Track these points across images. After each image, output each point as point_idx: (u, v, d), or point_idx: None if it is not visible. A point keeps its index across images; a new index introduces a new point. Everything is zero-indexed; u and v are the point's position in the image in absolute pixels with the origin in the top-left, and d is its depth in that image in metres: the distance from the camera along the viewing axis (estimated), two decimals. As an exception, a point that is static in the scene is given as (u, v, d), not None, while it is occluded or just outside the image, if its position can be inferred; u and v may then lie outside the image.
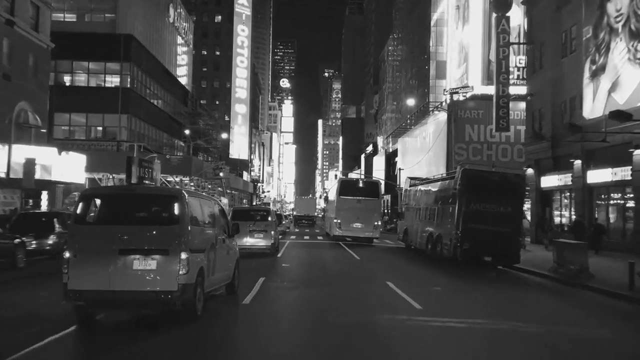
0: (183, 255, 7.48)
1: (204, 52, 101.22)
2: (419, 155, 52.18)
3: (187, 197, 8.01)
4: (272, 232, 19.50)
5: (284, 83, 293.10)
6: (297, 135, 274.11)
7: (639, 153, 19.41)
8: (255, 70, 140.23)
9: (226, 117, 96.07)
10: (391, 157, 74.49)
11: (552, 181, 26.92)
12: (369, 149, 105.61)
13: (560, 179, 26.10)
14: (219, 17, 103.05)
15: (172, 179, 44.48)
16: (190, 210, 8.02)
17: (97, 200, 8.38)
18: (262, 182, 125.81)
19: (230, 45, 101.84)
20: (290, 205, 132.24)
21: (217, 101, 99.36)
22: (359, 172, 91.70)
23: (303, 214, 57.11)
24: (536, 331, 8.50)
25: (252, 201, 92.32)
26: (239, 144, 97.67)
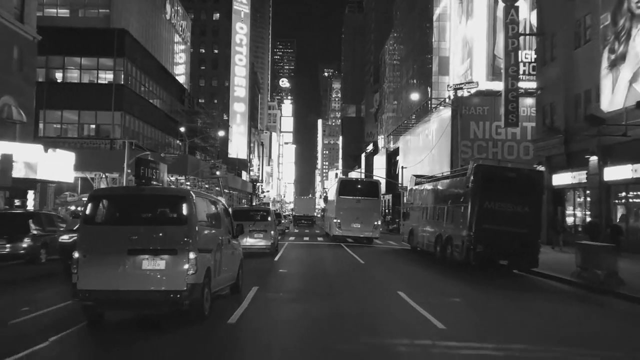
0: (191, 255, 7.53)
1: (202, 50, 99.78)
2: (422, 154, 50.87)
3: (194, 198, 8.09)
4: (272, 232, 19.61)
5: (284, 83, 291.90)
6: (297, 135, 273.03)
7: (663, 148, 18.05)
8: (254, 69, 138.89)
9: (225, 116, 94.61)
10: (392, 156, 73.16)
11: (565, 179, 25.52)
12: (370, 148, 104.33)
13: (574, 176, 24.70)
14: (217, 15, 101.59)
15: (167, 178, 43.05)
16: (198, 211, 8.09)
17: (105, 201, 8.36)
18: (261, 181, 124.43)
19: (229, 43, 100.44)
20: (289, 205, 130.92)
21: (216, 100, 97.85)
22: (359, 171, 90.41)
23: (302, 214, 56.86)
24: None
25: (252, 201, 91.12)
26: (238, 143, 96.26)
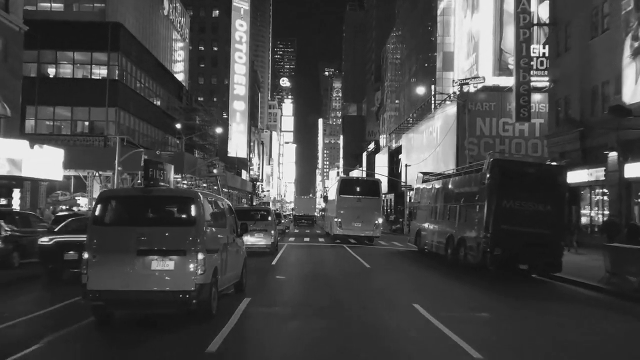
0: (200, 256, 7.59)
1: (201, 47, 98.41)
2: (425, 152, 49.54)
3: (202, 199, 8.20)
4: (272, 232, 19.89)
5: (284, 82, 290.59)
6: (298, 134, 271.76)
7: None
8: (255, 67, 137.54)
9: (224, 114, 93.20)
10: (394, 155, 71.88)
11: (581, 176, 24.07)
12: (371, 146, 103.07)
13: (590, 173, 23.27)
14: (217, 12, 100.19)
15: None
16: (205, 211, 8.16)
17: (114, 202, 8.43)
18: (261, 181, 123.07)
19: (228, 40, 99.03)
20: (290, 205, 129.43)
21: (215, 98, 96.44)
22: (362, 169, 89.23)
23: (303, 213, 56.46)
24: None
25: (252, 201, 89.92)
26: (237, 142, 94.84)
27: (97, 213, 7.99)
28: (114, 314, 8.07)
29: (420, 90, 46.55)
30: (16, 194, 25.53)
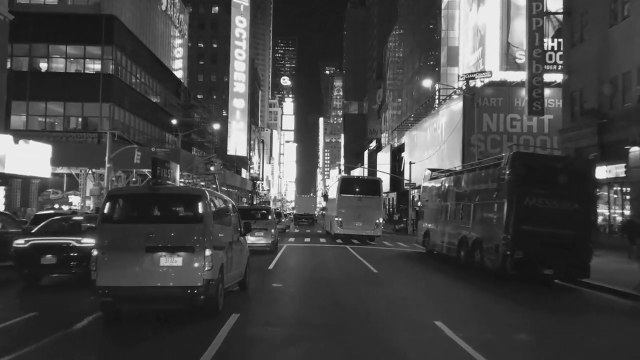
0: (207, 252, 7.66)
1: (200, 44, 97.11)
2: (430, 149, 48.22)
3: (209, 197, 8.34)
4: (272, 230, 20.19)
5: (285, 81, 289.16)
6: (298, 133, 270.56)
7: None
8: (255, 65, 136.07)
9: (224, 112, 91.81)
10: (397, 153, 70.58)
11: (598, 173, 22.53)
12: (373, 145, 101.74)
13: (609, 170, 21.86)
14: (216, 8, 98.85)
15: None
16: (212, 209, 8.26)
17: (122, 200, 8.52)
18: (261, 179, 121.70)
19: (228, 37, 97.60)
20: (290, 204, 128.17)
21: (215, 96, 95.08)
22: (365, 167, 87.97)
23: (303, 212, 55.90)
24: None
25: (253, 200, 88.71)
26: (237, 140, 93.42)
27: (106, 211, 8.08)
28: (122, 311, 8.07)
29: (427, 82, 45.14)
30: (0, 192, 24.24)
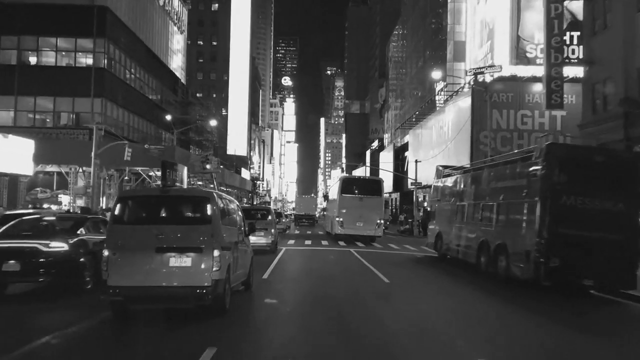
0: (216, 253, 7.81)
1: (199, 42, 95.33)
2: (435, 148, 46.46)
3: (217, 198, 8.58)
4: (272, 230, 20.45)
5: (286, 81, 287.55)
6: (299, 133, 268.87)
7: None
8: (256, 64, 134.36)
9: (223, 111, 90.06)
10: (400, 152, 68.81)
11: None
12: (375, 144, 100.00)
13: None
14: (216, 5, 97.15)
15: (152, 173, 38.59)
16: (219, 211, 8.46)
17: (133, 202, 8.66)
18: (262, 179, 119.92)
19: (228, 35, 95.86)
20: (291, 205, 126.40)
21: (214, 94, 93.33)
22: (365, 168, 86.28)
23: (304, 213, 54.67)
24: None
25: (253, 200, 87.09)
26: (237, 139, 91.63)
27: (116, 212, 8.21)
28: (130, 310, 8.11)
29: (436, 74, 43.36)
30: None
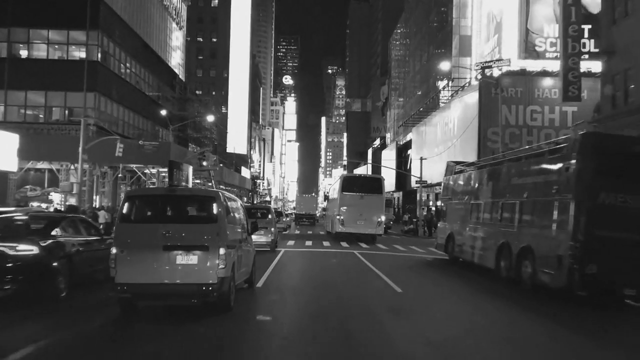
0: (222, 251, 7.92)
1: (199, 38, 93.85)
2: (440, 145, 45.09)
3: (222, 198, 8.65)
4: (272, 229, 20.47)
5: (287, 80, 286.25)
6: (300, 132, 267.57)
7: None
8: (256, 62, 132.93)
9: (223, 108, 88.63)
10: (403, 150, 67.43)
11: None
12: (377, 143, 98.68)
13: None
14: (216, 1, 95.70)
15: (148, 170, 37.20)
16: (225, 210, 8.52)
17: (140, 200, 8.80)
18: (262, 178, 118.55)
19: (228, 31, 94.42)
20: (292, 204, 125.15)
21: (214, 92, 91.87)
22: (368, 165, 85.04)
23: (304, 212, 54.21)
24: None
25: (253, 199, 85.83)
26: (237, 137, 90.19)
27: (124, 211, 8.27)
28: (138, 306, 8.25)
29: (445, 65, 41.93)
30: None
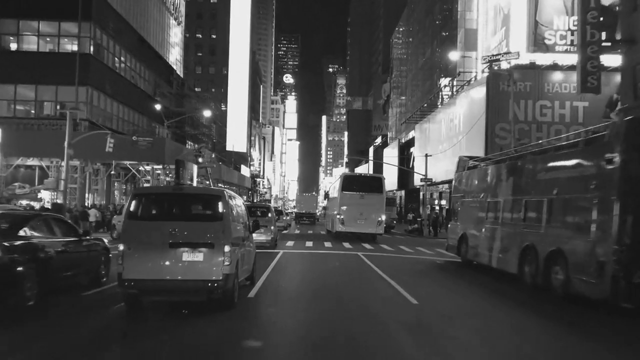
0: (226, 249, 8.11)
1: (198, 35, 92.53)
2: (445, 143, 43.73)
3: (227, 196, 8.83)
4: (272, 227, 20.53)
5: (288, 79, 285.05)
6: (301, 131, 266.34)
7: None
8: (256, 59, 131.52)
9: (222, 106, 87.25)
10: (405, 148, 66.05)
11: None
12: (378, 140, 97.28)
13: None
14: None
15: (142, 168, 35.85)
16: (230, 208, 8.73)
17: (148, 198, 8.97)
18: (262, 177, 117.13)
19: (227, 28, 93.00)
20: (293, 203, 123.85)
21: (213, 89, 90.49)
22: (370, 162, 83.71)
23: (304, 211, 53.83)
24: None
25: (253, 198, 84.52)
26: (236, 135, 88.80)
27: (132, 209, 8.46)
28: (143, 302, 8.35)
29: (454, 55, 40.51)
30: None
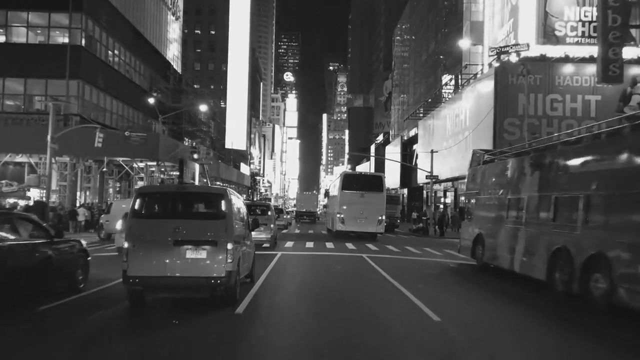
0: (229, 246, 8.26)
1: (197, 31, 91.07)
2: (450, 139, 42.32)
3: (230, 195, 9.01)
4: (272, 226, 20.60)
5: (288, 77, 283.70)
6: (301, 130, 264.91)
7: None
8: (256, 56, 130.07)
9: (222, 103, 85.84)
10: (408, 145, 64.56)
11: None
12: (380, 138, 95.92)
13: None
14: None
15: (136, 165, 34.44)
16: (232, 207, 8.89)
17: (152, 197, 9.21)
18: (262, 175, 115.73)
19: (227, 24, 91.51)
20: (293, 202, 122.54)
21: (212, 86, 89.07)
22: (368, 164, 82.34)
23: (305, 210, 53.26)
24: None
25: (253, 196, 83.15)
26: (235, 132, 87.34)
27: (136, 207, 8.57)
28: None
29: (464, 43, 39.03)
30: None
